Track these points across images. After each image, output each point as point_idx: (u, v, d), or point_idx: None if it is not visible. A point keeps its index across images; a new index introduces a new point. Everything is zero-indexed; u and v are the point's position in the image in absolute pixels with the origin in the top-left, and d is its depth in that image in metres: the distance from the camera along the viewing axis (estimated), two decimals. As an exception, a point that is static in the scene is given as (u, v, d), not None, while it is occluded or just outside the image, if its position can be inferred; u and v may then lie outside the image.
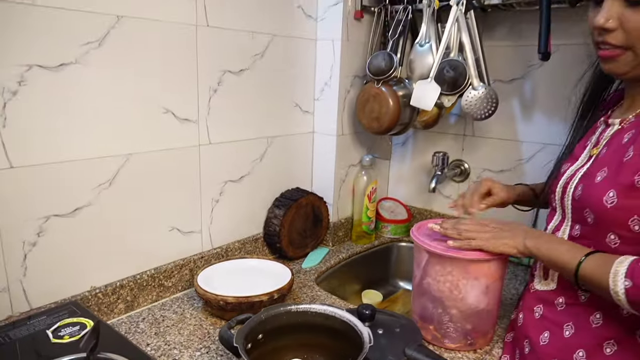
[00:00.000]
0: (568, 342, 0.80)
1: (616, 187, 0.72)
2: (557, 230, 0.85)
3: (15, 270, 0.87)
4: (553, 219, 0.88)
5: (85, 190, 0.94)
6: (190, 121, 1.09)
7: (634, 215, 0.71)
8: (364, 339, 0.75)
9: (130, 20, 0.93)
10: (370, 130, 1.35)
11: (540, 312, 0.86)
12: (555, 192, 0.86)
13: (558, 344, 0.82)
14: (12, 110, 0.81)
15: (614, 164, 0.75)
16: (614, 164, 0.75)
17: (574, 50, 1.19)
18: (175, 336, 0.97)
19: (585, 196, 0.78)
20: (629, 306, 0.69)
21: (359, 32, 1.36)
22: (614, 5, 0.72)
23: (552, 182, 0.89)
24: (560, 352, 0.81)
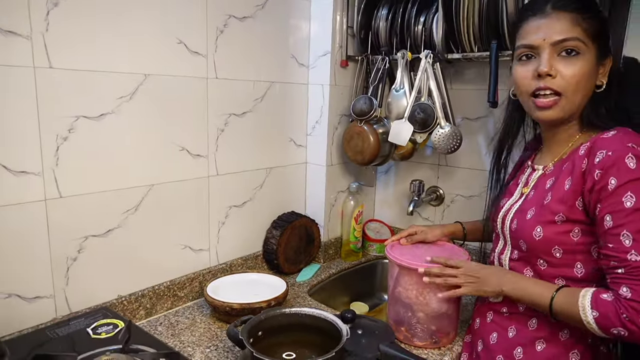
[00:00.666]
0: (511, 341, 0.99)
1: (541, 224, 0.90)
2: (502, 253, 1.02)
3: (60, 281, 1.06)
4: (498, 244, 1.05)
5: (116, 215, 1.14)
6: (201, 156, 1.30)
7: (555, 246, 0.90)
8: (342, 333, 0.94)
9: (154, 78, 1.16)
10: (355, 162, 1.56)
11: (491, 317, 1.05)
12: (497, 222, 1.04)
13: (504, 342, 1.00)
14: (63, 152, 1.02)
15: (539, 205, 0.93)
16: (539, 205, 0.92)
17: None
18: (188, 337, 1.15)
19: (520, 229, 0.95)
20: (600, 332, 0.81)
21: (344, 78, 1.59)
22: (551, 57, 0.87)
23: (493, 213, 1.07)
24: (505, 349, 0.99)
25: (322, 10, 1.52)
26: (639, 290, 0.78)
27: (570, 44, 0.86)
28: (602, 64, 0.90)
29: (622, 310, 0.78)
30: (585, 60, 0.87)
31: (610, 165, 0.81)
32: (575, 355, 0.92)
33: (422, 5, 1.44)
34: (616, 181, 0.81)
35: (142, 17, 1.11)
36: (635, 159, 0.80)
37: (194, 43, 1.23)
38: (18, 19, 0.92)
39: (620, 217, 0.80)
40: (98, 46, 1.04)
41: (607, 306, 0.80)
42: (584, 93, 0.89)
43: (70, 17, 0.99)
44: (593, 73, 0.89)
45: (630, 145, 0.82)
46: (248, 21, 1.35)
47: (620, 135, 0.84)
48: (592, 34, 0.87)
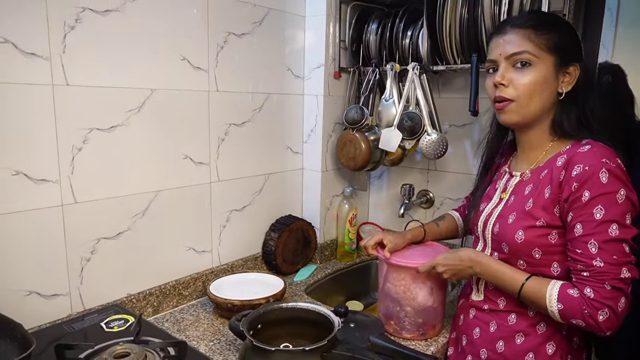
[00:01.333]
0: (493, 336, 1.07)
1: (523, 228, 0.99)
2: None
3: (75, 280, 1.15)
4: (478, 245, 1.13)
5: (125, 218, 1.23)
6: (203, 164, 1.40)
7: (535, 247, 0.98)
8: (334, 324, 1.03)
9: (160, 92, 1.25)
10: (348, 167, 1.66)
11: (473, 314, 1.13)
12: (478, 225, 1.12)
13: (486, 337, 1.08)
14: (78, 161, 1.12)
15: (520, 210, 1.01)
16: (520, 210, 1.01)
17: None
18: (193, 332, 1.24)
19: (502, 233, 1.03)
20: (560, 320, 0.92)
21: (338, 88, 1.69)
22: (506, 69, 0.99)
23: (473, 217, 1.15)
24: (488, 343, 1.07)
25: (316, 25, 1.62)
26: (600, 292, 0.88)
27: (521, 57, 0.97)
28: (565, 72, 0.98)
29: (584, 307, 0.89)
30: (538, 71, 0.97)
31: (586, 179, 0.90)
32: (552, 346, 1.00)
33: (409, 20, 1.54)
34: (589, 194, 0.89)
35: (149, 36, 1.21)
36: (608, 174, 0.89)
37: (197, 59, 1.33)
38: (38, 42, 1.02)
39: (590, 227, 0.89)
40: (109, 64, 1.14)
41: (572, 301, 0.90)
42: (540, 100, 0.98)
43: (85, 39, 1.09)
44: (550, 81, 0.98)
45: (604, 160, 0.90)
46: (246, 37, 1.45)
47: (595, 150, 0.92)
48: (548, 47, 0.96)
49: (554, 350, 1.00)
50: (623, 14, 1.47)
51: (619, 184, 0.89)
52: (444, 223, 1.35)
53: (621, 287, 0.88)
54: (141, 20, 1.18)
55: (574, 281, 0.93)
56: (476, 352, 1.09)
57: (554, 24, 0.99)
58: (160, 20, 1.23)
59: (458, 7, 1.34)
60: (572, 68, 0.99)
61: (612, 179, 0.89)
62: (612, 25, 1.48)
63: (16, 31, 0.98)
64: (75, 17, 1.06)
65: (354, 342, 1.07)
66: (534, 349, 1.01)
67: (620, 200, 0.89)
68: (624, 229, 0.89)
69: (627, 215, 0.90)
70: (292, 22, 1.59)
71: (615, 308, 0.88)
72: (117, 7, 1.13)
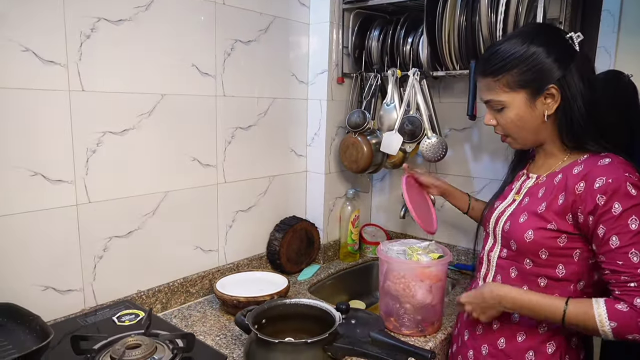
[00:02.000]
0: (495, 333, 1.10)
1: (533, 228, 1.02)
2: (492, 250, 1.13)
3: (88, 276, 1.21)
4: (488, 242, 1.16)
5: (136, 218, 1.29)
6: (210, 166, 1.45)
7: (542, 248, 1.01)
8: (335, 319, 1.08)
9: (170, 97, 1.31)
10: (351, 170, 1.70)
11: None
12: (490, 222, 1.15)
13: (489, 334, 1.11)
14: (92, 163, 1.17)
15: (532, 212, 1.04)
16: (532, 212, 1.03)
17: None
18: (200, 327, 1.29)
19: (512, 231, 1.06)
20: (613, 338, 0.90)
21: (341, 93, 1.74)
22: (490, 113, 1.07)
23: (486, 213, 1.18)
24: (490, 339, 1.11)
25: (320, 32, 1.67)
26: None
27: (492, 104, 1.05)
28: (544, 96, 0.99)
29: (639, 319, 0.88)
30: (513, 108, 1.02)
31: (613, 192, 0.92)
32: (552, 345, 1.03)
33: (410, 27, 1.59)
34: (620, 206, 0.91)
35: (160, 44, 1.27)
36: (633, 187, 0.91)
37: (205, 65, 1.38)
38: (56, 50, 1.08)
39: (627, 238, 0.91)
40: (122, 71, 1.20)
41: (625, 316, 0.89)
42: (529, 129, 1.03)
43: (100, 47, 1.15)
44: (528, 112, 1.01)
45: (627, 175, 0.93)
46: (252, 44, 1.51)
47: (616, 164, 0.95)
48: (510, 87, 1.00)
49: (553, 350, 1.03)
50: (625, 19, 1.50)
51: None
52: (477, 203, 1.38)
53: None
54: (152, 29, 1.24)
55: (617, 294, 0.92)
56: (478, 347, 1.13)
57: (511, 63, 0.99)
58: (171, 29, 1.28)
59: (456, 15, 1.39)
60: (549, 89, 0.98)
61: (638, 191, 0.91)
62: (614, 31, 1.52)
63: (36, 40, 1.05)
64: (91, 26, 1.12)
65: (354, 337, 1.11)
66: (534, 347, 1.04)
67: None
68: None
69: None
70: (297, 29, 1.65)
71: None
72: (130, 17, 1.19)
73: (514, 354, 1.06)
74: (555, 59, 0.97)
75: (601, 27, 1.49)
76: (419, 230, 1.88)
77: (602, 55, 1.52)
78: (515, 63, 0.99)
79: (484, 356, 1.11)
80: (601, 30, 1.49)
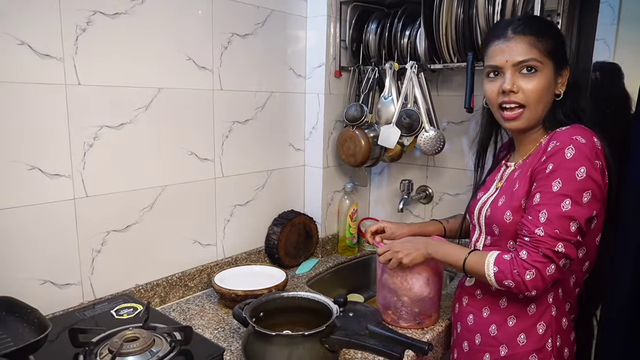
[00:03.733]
0: (486, 320, 1.12)
1: (510, 209, 1.04)
2: (477, 241, 1.16)
3: (86, 270, 1.21)
4: (474, 233, 1.19)
5: (134, 212, 1.29)
6: (208, 160, 1.45)
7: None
8: (332, 311, 1.08)
9: (167, 91, 1.31)
10: (349, 163, 1.70)
11: (466, 301, 1.18)
12: (474, 213, 1.17)
13: (480, 322, 1.13)
14: (89, 157, 1.17)
15: (508, 193, 1.07)
16: (508, 193, 1.07)
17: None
18: (199, 320, 1.30)
19: (493, 215, 1.09)
20: (497, 285, 1.00)
21: (338, 86, 1.74)
22: (513, 75, 1.02)
23: (471, 205, 1.20)
24: (482, 327, 1.12)
25: (317, 25, 1.66)
26: (533, 256, 0.95)
27: (529, 64, 1.00)
28: (560, 75, 1.04)
29: (514, 267, 0.97)
30: (543, 76, 1.01)
31: (553, 153, 0.96)
32: (542, 326, 1.05)
33: (408, 20, 1.59)
34: (552, 167, 0.96)
35: (156, 37, 1.26)
36: (574, 150, 0.94)
37: (202, 59, 1.38)
38: (52, 44, 1.07)
39: (546, 198, 0.96)
40: (119, 65, 1.20)
41: (505, 264, 0.99)
42: (544, 103, 1.04)
43: (96, 40, 1.14)
44: (552, 85, 1.03)
45: (574, 137, 0.95)
46: (249, 38, 1.50)
47: (571, 130, 0.99)
48: (548, 53, 1.00)
49: (544, 330, 1.05)
50: (625, 11, 1.50)
51: (583, 161, 0.93)
52: (454, 221, 1.40)
53: (552, 257, 0.94)
54: (148, 22, 1.24)
55: (517, 243, 1.01)
56: (471, 337, 1.14)
57: (550, 30, 1.04)
58: (167, 23, 1.28)
59: (453, 8, 1.39)
60: (565, 71, 1.04)
61: (577, 155, 0.94)
62: (614, 23, 1.52)
63: (31, 34, 1.04)
64: (87, 20, 1.12)
65: (352, 329, 1.12)
66: (525, 329, 1.06)
67: (579, 177, 0.93)
68: (577, 207, 0.94)
69: (585, 194, 0.94)
70: (294, 22, 1.64)
71: (542, 271, 0.94)
72: (126, 10, 1.19)
73: (506, 339, 1.08)
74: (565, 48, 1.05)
75: (600, 19, 1.48)
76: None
77: (602, 47, 1.51)
78: (554, 30, 1.05)
79: (478, 345, 1.12)
80: (600, 22, 1.48)
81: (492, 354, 1.09)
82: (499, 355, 1.08)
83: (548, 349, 1.05)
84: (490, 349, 1.10)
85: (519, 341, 1.06)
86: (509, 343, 1.07)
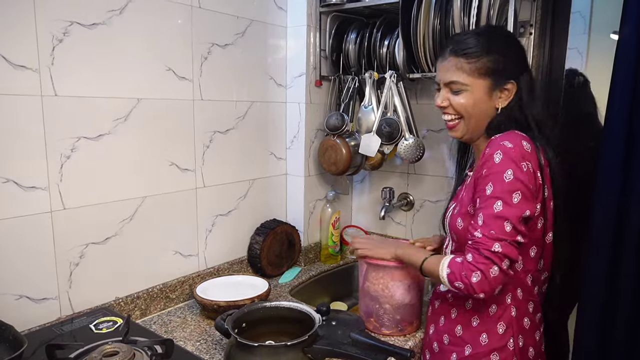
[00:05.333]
0: (453, 321, 1.15)
1: (460, 216, 1.10)
2: (447, 247, 1.20)
3: (64, 284, 1.19)
4: (446, 241, 1.22)
5: (113, 224, 1.27)
6: (189, 170, 1.44)
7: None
8: (315, 321, 1.08)
9: (147, 101, 1.30)
10: (330, 172, 1.71)
11: (438, 304, 1.21)
12: (444, 222, 1.22)
13: (448, 324, 1.16)
14: (67, 169, 1.16)
15: (459, 201, 1.13)
16: (460, 201, 1.13)
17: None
18: (181, 333, 1.28)
19: (450, 223, 1.15)
20: (449, 286, 1.03)
21: (319, 96, 1.75)
22: (445, 93, 1.09)
23: (443, 216, 1.24)
24: (449, 328, 1.15)
25: (297, 35, 1.68)
26: (476, 258, 0.99)
27: (454, 86, 1.08)
28: (501, 89, 1.07)
29: (463, 270, 1.00)
30: (471, 94, 1.07)
31: (486, 159, 1.02)
32: (502, 326, 1.08)
33: (386, 30, 1.61)
34: (485, 172, 1.01)
35: (135, 48, 1.26)
36: (502, 155, 1.00)
37: (181, 69, 1.38)
38: (28, 55, 1.06)
39: (482, 201, 1.01)
40: (97, 75, 1.19)
41: (456, 266, 1.02)
42: (477, 117, 1.09)
43: (73, 51, 1.13)
44: (484, 100, 1.07)
45: (502, 143, 1.01)
46: (229, 48, 1.50)
47: (502, 136, 1.04)
48: (480, 73, 1.05)
49: (504, 330, 1.08)
50: (596, 21, 1.55)
51: (509, 164, 0.99)
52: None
53: (492, 258, 0.97)
54: (127, 32, 1.23)
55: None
56: (440, 338, 1.18)
57: (489, 48, 1.06)
58: (146, 33, 1.27)
59: (431, 19, 1.41)
60: (510, 85, 1.07)
61: (504, 159, 0.99)
62: (585, 32, 1.57)
63: (5, 44, 1.03)
64: (64, 30, 1.11)
65: (334, 338, 1.12)
66: (487, 329, 1.09)
67: (507, 179, 0.98)
68: (508, 207, 0.98)
69: (514, 194, 0.98)
70: (274, 32, 1.65)
71: (486, 272, 0.97)
72: (104, 21, 1.18)
73: (470, 339, 1.11)
74: (519, 60, 1.09)
75: (571, 28, 1.53)
76: (399, 231, 1.90)
77: (574, 56, 1.56)
78: (498, 47, 1.07)
79: (447, 345, 1.16)
80: (571, 32, 1.53)
81: (458, 354, 1.13)
82: (464, 355, 1.11)
83: (510, 348, 1.08)
84: (457, 348, 1.13)
85: (481, 340, 1.09)
86: (473, 342, 1.11)
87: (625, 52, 1.09)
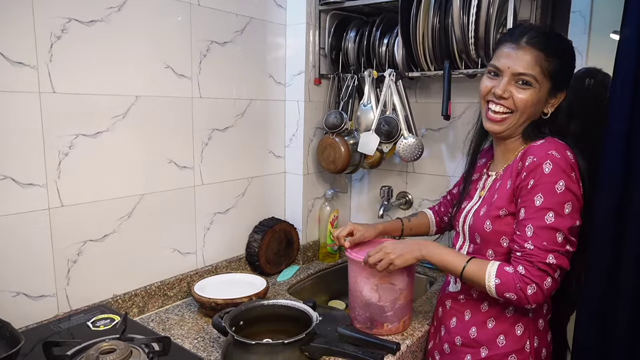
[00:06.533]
0: (467, 323, 1.14)
1: (490, 218, 1.08)
2: (461, 248, 1.18)
3: (62, 281, 1.19)
4: (458, 241, 1.20)
5: (111, 221, 1.27)
6: (187, 168, 1.44)
7: (502, 236, 1.06)
8: (312, 319, 1.08)
9: (145, 98, 1.30)
10: (329, 170, 1.71)
11: (449, 305, 1.20)
12: (459, 221, 1.19)
13: (461, 325, 1.15)
14: (65, 166, 1.15)
15: (489, 203, 1.10)
16: (489, 203, 1.10)
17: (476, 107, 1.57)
18: (178, 330, 1.28)
19: (474, 225, 1.12)
20: (495, 294, 1.02)
21: (318, 94, 1.74)
22: (508, 84, 1.03)
23: (456, 214, 1.22)
24: (463, 330, 1.15)
25: (297, 33, 1.67)
26: (530, 270, 0.98)
27: (525, 78, 1.02)
28: (554, 96, 1.06)
29: (517, 282, 0.99)
30: (535, 92, 1.03)
31: (533, 168, 1.00)
32: (520, 327, 1.09)
33: (386, 28, 1.61)
34: (533, 182, 0.99)
35: (134, 45, 1.25)
36: (552, 165, 0.98)
37: (180, 67, 1.37)
38: (26, 52, 1.06)
39: (529, 212, 1.00)
40: (95, 72, 1.18)
41: (508, 276, 1.00)
42: (529, 115, 1.06)
43: (71, 48, 1.13)
44: (541, 102, 1.06)
45: (550, 152, 0.99)
46: (228, 46, 1.50)
47: (546, 144, 1.02)
48: (549, 73, 1.02)
49: (522, 331, 1.09)
50: (596, 21, 1.54)
51: (561, 175, 0.98)
52: (416, 219, 1.41)
53: (547, 270, 0.97)
54: (126, 30, 1.23)
55: (511, 259, 1.03)
56: (452, 340, 1.17)
57: (560, 52, 1.05)
58: (145, 30, 1.27)
59: (430, 17, 1.41)
60: (560, 94, 1.07)
61: (555, 170, 0.98)
62: (585, 32, 1.56)
63: (3, 41, 1.02)
64: (62, 27, 1.11)
65: (329, 335, 1.12)
66: (504, 331, 1.09)
67: (559, 190, 0.97)
68: (560, 218, 0.97)
69: (566, 205, 0.98)
70: (273, 30, 1.65)
71: (541, 285, 0.98)
72: (102, 18, 1.18)
73: (486, 340, 1.11)
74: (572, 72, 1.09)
75: (571, 28, 1.52)
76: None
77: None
78: (565, 53, 1.06)
79: (459, 347, 1.15)
80: (571, 31, 1.52)
81: (473, 355, 1.12)
82: (480, 357, 1.11)
83: (527, 350, 1.08)
84: (471, 350, 1.12)
85: (499, 342, 1.09)
86: (489, 344, 1.10)
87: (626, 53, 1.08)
